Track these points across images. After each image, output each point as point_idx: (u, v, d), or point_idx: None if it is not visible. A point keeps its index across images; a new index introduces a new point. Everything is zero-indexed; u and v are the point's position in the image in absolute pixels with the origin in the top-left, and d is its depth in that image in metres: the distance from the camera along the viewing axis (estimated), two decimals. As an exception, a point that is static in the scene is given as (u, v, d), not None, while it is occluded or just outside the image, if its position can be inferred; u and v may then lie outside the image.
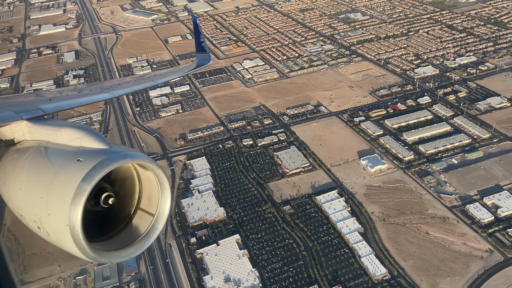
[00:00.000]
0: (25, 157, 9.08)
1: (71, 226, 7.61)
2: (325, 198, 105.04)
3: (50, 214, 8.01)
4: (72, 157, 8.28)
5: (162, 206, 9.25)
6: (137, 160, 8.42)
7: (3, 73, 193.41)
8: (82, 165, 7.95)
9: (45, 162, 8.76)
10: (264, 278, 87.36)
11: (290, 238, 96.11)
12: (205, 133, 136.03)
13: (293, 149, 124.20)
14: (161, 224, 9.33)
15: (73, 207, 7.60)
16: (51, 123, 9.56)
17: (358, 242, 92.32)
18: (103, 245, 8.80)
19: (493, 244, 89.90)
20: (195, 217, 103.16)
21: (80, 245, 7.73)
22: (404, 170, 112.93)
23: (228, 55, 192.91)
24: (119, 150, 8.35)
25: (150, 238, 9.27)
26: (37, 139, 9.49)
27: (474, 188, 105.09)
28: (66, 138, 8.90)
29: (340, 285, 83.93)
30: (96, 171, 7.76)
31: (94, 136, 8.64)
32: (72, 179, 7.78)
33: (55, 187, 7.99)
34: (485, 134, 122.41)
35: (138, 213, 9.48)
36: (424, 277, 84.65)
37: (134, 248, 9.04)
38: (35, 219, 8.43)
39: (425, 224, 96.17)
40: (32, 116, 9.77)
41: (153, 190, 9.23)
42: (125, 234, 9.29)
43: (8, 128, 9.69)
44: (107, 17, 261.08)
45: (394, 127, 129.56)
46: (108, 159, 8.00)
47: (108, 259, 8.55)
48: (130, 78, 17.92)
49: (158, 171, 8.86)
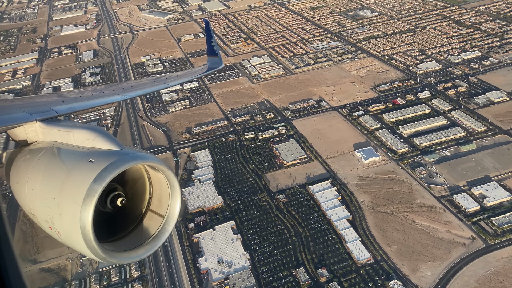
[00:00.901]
0: (38, 157, 9.13)
1: (82, 227, 7.68)
2: (318, 187, 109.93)
3: (62, 214, 8.08)
4: (84, 158, 8.36)
5: (172, 208, 9.28)
6: (148, 162, 8.51)
7: (26, 72, 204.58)
8: (94, 166, 8.03)
9: (58, 162, 8.81)
10: (255, 260, 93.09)
11: (282, 224, 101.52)
12: (209, 127, 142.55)
13: (291, 142, 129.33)
14: (171, 226, 9.36)
15: (84, 208, 7.67)
16: (64, 124, 9.59)
17: (346, 229, 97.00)
18: (113, 245, 8.87)
19: (476, 232, 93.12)
20: (194, 204, 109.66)
21: (90, 246, 7.81)
22: (397, 162, 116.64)
23: (237, 53, 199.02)
24: (130, 152, 8.40)
25: (160, 239, 9.30)
26: (50, 140, 9.54)
27: (464, 179, 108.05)
28: (78, 139, 8.97)
29: (325, 268, 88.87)
30: (108, 172, 7.84)
31: (106, 137, 8.73)
32: (84, 179, 7.86)
33: (67, 188, 8.07)
34: (481, 128, 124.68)
35: (148, 215, 9.53)
36: (406, 261, 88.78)
37: (144, 249, 9.08)
38: (47, 219, 8.49)
39: (412, 212, 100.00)
40: (45, 117, 9.81)
41: (163, 191, 9.28)
42: (135, 235, 9.35)
43: (21, 129, 9.76)
44: (125, 17, 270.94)
45: (392, 120, 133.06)
46: (119, 160, 8.08)
47: (118, 260, 8.61)
48: (143, 80, 18.44)
49: (169, 172, 8.90)
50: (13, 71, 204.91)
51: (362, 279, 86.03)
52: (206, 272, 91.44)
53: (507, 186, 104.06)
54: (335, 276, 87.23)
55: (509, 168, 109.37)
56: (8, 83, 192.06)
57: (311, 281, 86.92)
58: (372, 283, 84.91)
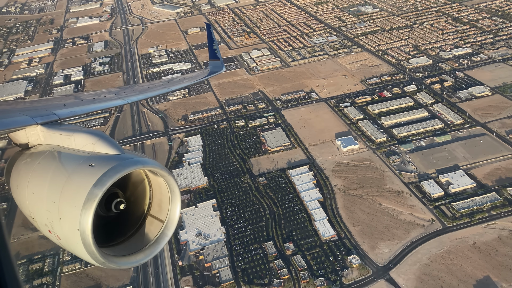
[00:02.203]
0: (39, 161, 9.08)
1: (82, 231, 7.60)
2: (296, 171, 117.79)
3: (62, 218, 7.97)
4: (84, 162, 8.28)
5: (172, 213, 9.21)
6: (148, 167, 8.48)
7: (41, 60, 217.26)
8: (94, 170, 7.95)
9: (58, 166, 8.73)
10: (230, 234, 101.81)
11: (258, 204, 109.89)
12: (204, 115, 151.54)
13: (278, 130, 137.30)
14: (171, 231, 9.32)
15: (84, 212, 7.57)
16: (65, 128, 9.58)
17: (316, 209, 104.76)
18: (113, 250, 8.76)
19: (436, 215, 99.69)
20: (181, 184, 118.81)
21: (90, 250, 7.71)
22: (374, 150, 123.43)
23: (239, 46, 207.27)
24: (130, 157, 8.33)
25: (159, 244, 9.21)
26: (51, 143, 9.51)
27: (434, 167, 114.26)
28: (79, 143, 8.92)
29: (292, 242, 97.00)
30: (108, 176, 7.77)
31: (107, 142, 8.66)
32: (84, 184, 7.77)
33: (67, 192, 7.96)
34: (458, 120, 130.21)
35: (148, 219, 9.45)
36: (366, 239, 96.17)
37: (143, 254, 9.00)
38: (47, 222, 8.36)
39: (380, 196, 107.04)
40: (47, 121, 9.82)
41: (164, 196, 9.23)
42: (135, 240, 9.26)
43: (23, 132, 9.78)
44: (138, 10, 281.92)
45: (375, 112, 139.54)
46: (120, 165, 7.99)
47: (117, 265, 8.43)
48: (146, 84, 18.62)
49: (169, 177, 8.88)
50: (29, 59, 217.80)
51: (324, 253, 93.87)
52: (185, 243, 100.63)
53: (473, 174, 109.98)
54: (300, 250, 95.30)
55: (478, 158, 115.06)
56: (24, 70, 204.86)
57: (277, 253, 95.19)
58: (332, 257, 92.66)
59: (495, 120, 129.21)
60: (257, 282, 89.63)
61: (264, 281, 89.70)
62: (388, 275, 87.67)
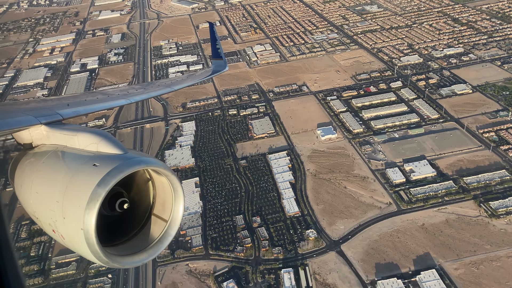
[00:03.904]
0: (43, 161, 9.08)
1: (85, 231, 7.65)
2: (275, 156, 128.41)
3: (65, 217, 8.02)
4: (88, 161, 8.32)
5: (175, 212, 9.21)
6: (152, 166, 8.51)
7: (62, 50, 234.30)
8: (98, 170, 8.00)
9: (62, 166, 8.72)
10: (206, 208, 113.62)
11: (236, 183, 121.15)
12: (201, 103, 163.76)
13: (265, 119, 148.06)
14: (174, 230, 9.28)
15: (87, 212, 7.61)
16: (68, 128, 9.52)
17: (286, 189, 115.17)
18: (116, 250, 8.78)
19: (393, 199, 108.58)
20: (171, 163, 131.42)
21: (93, 250, 7.77)
22: (350, 140, 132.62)
23: (244, 40, 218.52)
24: (134, 156, 8.35)
25: (163, 244, 9.20)
26: (54, 143, 9.48)
27: (402, 156, 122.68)
28: (82, 143, 8.91)
29: (259, 216, 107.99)
30: (111, 176, 7.81)
31: (110, 141, 8.67)
32: (88, 183, 7.82)
33: (71, 191, 8.01)
34: (434, 115, 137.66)
35: (152, 219, 9.43)
36: (326, 217, 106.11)
37: (146, 253, 9.00)
38: (50, 222, 8.42)
39: (347, 181, 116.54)
40: (51, 121, 9.77)
41: (167, 196, 9.22)
42: (138, 239, 9.26)
43: (27, 132, 9.74)
44: (156, 5, 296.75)
45: (358, 105, 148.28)
46: (123, 164, 8.04)
47: (121, 264, 8.57)
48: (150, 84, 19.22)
49: (172, 177, 8.86)
50: (52, 48, 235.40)
51: (286, 227, 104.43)
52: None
53: (437, 165, 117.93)
54: (265, 223, 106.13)
55: (444, 150, 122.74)
56: (46, 58, 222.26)
57: (245, 225, 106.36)
58: (293, 230, 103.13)
59: (469, 116, 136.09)
60: (223, 248, 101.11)
61: (229, 247, 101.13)
62: (339, 248, 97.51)
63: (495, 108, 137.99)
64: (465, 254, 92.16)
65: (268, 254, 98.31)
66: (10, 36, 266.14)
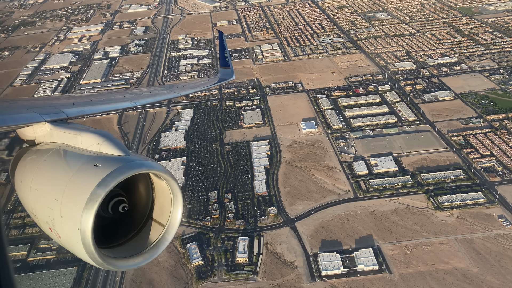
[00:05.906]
0: (44, 158, 9.13)
1: (82, 231, 7.66)
2: (257, 144, 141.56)
3: (63, 216, 8.05)
4: (89, 162, 8.36)
5: (173, 217, 9.28)
6: (153, 170, 8.51)
7: (90, 38, 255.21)
8: (99, 170, 8.05)
9: (63, 164, 8.79)
10: (187, 184, 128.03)
11: (218, 164, 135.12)
12: (203, 93, 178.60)
13: (257, 111, 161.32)
14: (171, 235, 9.28)
15: (86, 212, 7.65)
16: (72, 127, 9.53)
17: (260, 172, 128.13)
18: (112, 252, 8.81)
19: (353, 188, 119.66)
20: (165, 144, 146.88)
21: (89, 250, 7.79)
22: (328, 134, 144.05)
23: (255, 39, 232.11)
24: (136, 159, 8.41)
25: (159, 248, 9.23)
26: (57, 141, 9.52)
27: (371, 152, 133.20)
28: (85, 142, 8.94)
29: (230, 193, 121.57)
30: (112, 177, 7.85)
31: (113, 142, 8.71)
32: (88, 183, 7.87)
33: (70, 191, 8.05)
34: (411, 117, 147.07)
35: (149, 223, 9.48)
36: (289, 198, 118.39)
37: (142, 257, 9.02)
38: (48, 220, 8.45)
39: (315, 169, 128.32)
40: (55, 119, 9.82)
41: (166, 200, 9.31)
42: (135, 242, 9.30)
43: (30, 129, 9.79)
44: (182, 2, 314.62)
45: (344, 104, 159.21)
46: (125, 166, 8.09)
47: (116, 267, 8.52)
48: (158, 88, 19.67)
49: (173, 182, 8.96)
50: (81, 37, 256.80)
51: (252, 204, 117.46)
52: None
53: (401, 161, 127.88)
54: (235, 199, 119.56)
55: (411, 149, 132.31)
56: (74, 45, 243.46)
57: (217, 200, 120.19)
58: (257, 207, 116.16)
59: (444, 120, 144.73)
60: (194, 217, 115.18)
61: (199, 217, 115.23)
62: (294, 225, 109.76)
63: (471, 115, 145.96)
64: (403, 239, 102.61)
65: (231, 224, 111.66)
66: (47, 23, 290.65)
